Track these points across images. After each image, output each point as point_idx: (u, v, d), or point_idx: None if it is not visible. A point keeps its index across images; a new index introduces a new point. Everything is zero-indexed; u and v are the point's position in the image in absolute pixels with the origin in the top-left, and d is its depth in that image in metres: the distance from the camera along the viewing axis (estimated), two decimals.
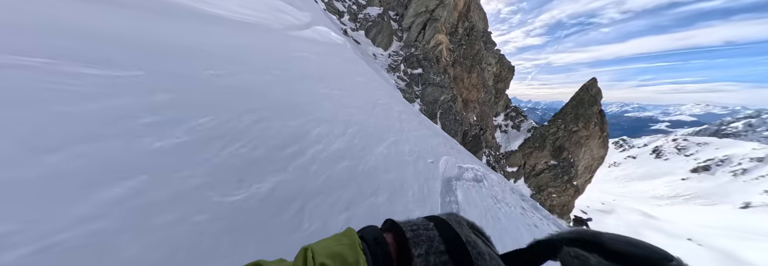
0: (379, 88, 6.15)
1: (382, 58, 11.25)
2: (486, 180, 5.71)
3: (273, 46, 4.03)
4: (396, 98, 6.80)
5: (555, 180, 17.12)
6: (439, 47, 12.20)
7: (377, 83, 6.80)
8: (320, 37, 6.72)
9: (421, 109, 9.81)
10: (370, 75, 7.13)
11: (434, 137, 6.00)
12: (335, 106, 3.41)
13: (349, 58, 7.28)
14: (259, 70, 2.59)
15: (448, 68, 12.44)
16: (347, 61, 6.86)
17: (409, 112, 6.58)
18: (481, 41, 16.35)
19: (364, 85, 5.64)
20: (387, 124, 4.37)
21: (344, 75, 5.60)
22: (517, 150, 17.70)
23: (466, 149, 11.31)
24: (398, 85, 9.86)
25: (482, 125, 14.82)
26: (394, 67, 10.84)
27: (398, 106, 5.99)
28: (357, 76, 5.99)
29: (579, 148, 18.87)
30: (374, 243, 0.28)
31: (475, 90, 15.16)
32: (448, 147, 6.73)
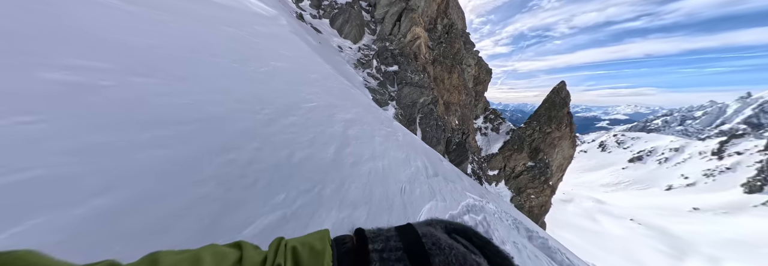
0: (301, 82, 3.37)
1: (349, 51, 8.54)
2: (490, 230, 3.50)
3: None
4: (339, 90, 4.13)
5: (533, 181, 15.96)
6: (417, 42, 9.78)
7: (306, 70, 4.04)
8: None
9: (397, 114, 7.34)
10: (305, 60, 4.44)
11: (410, 162, 3.42)
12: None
13: (273, 34, 4.50)
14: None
15: (427, 66, 10.07)
16: (269, 38, 4.05)
17: (372, 119, 3.94)
18: (461, 40, 14.29)
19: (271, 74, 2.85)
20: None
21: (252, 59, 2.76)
22: (498, 153, 16.12)
23: (452, 160, 9.10)
24: (368, 83, 7.25)
25: (464, 129, 12.78)
26: (364, 63, 8.20)
27: (347, 113, 3.29)
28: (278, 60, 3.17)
29: (553, 149, 17.91)
30: (340, 240, 0.30)
31: (457, 92, 13.06)
32: (432, 173, 4.14)
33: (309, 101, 3.17)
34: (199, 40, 2.69)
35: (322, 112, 3.13)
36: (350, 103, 4.26)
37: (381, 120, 4.72)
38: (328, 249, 0.27)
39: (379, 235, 0.29)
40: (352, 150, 2.80)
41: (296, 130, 2.37)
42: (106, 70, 1.38)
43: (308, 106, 3.05)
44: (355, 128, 3.36)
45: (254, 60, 3.20)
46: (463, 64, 15.58)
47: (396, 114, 7.17)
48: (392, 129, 4.70)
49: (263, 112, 2.33)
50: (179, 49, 2.25)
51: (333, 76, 4.94)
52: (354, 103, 4.40)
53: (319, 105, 3.25)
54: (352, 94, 4.76)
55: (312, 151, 2.26)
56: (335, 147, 2.59)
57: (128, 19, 2.03)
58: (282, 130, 2.29)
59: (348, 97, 4.40)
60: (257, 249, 0.29)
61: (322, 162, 2.27)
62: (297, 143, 2.21)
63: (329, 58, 6.32)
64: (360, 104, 4.57)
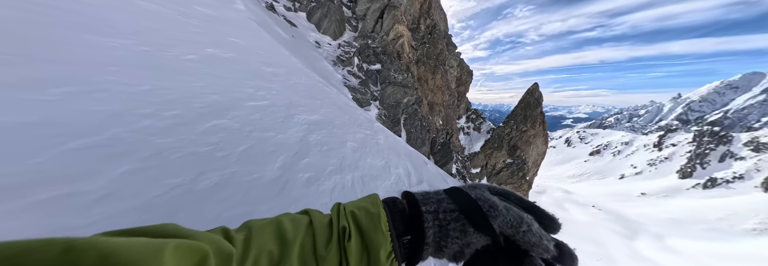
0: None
1: (329, 48, 7.59)
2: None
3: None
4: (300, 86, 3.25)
5: (512, 177, 16.18)
6: (400, 40, 9.06)
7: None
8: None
9: (381, 114, 6.58)
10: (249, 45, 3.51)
11: (390, 169, 2.58)
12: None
13: (221, 18, 3.52)
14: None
15: (411, 66, 9.41)
16: (213, 21, 3.08)
17: (347, 120, 3.11)
18: (443, 41, 13.84)
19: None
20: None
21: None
22: (480, 152, 16.05)
23: (437, 161, 8.58)
24: (347, 81, 6.39)
25: (448, 129, 12.37)
26: (344, 60, 7.31)
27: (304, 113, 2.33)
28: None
29: (528, 146, 18.31)
30: (391, 202, 0.30)
31: (440, 92, 12.59)
32: (415, 181, 3.40)
33: (258, 99, 2.28)
34: (94, 16, 1.71)
35: (275, 112, 2.26)
36: (320, 102, 3.40)
37: (359, 121, 3.93)
38: (382, 212, 0.26)
39: (429, 198, 0.28)
40: (312, 162, 1.97)
41: (221, 139, 1.50)
42: None
43: (255, 105, 2.16)
44: (321, 132, 2.54)
45: (181, 45, 2.23)
46: (446, 65, 15.21)
47: (379, 114, 6.41)
48: (372, 131, 3.92)
49: (166, 113, 1.43)
50: (55, 24, 1.28)
51: (301, 71, 4.04)
52: (326, 102, 3.56)
53: (273, 104, 2.38)
54: (324, 92, 3.91)
55: (240, 169, 1.41)
56: (284, 160, 1.75)
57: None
58: (194, 139, 1.40)
59: (318, 96, 3.55)
60: (322, 214, 0.29)
61: (255, 184, 1.42)
62: (215, 158, 1.35)
63: (302, 53, 5.38)
64: (334, 104, 3.74)
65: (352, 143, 2.89)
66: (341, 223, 0.25)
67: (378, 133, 4.15)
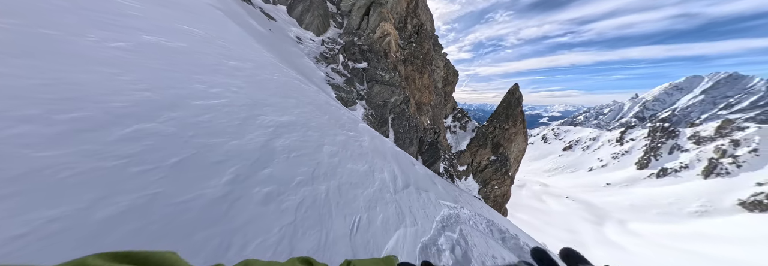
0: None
1: (311, 44, 7.09)
2: (468, 247, 2.67)
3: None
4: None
5: (496, 173, 16.67)
6: (387, 38, 8.76)
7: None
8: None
9: (367, 114, 6.26)
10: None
11: (374, 174, 2.25)
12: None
13: (173, 1, 3.01)
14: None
15: (398, 65, 9.16)
16: (160, 4, 2.56)
17: (326, 121, 2.76)
18: (430, 41, 13.75)
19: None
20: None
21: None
22: (466, 150, 16.31)
23: (425, 161, 8.45)
24: (331, 80, 5.98)
25: (436, 128, 12.34)
26: (328, 57, 6.86)
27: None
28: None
29: (510, 143, 18.98)
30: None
31: (427, 92, 12.50)
32: (402, 185, 3.13)
33: (211, 97, 1.88)
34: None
35: (233, 113, 1.88)
36: (295, 101, 3.02)
37: (341, 122, 3.58)
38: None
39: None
40: (274, 173, 1.62)
41: (143, 149, 1.11)
42: None
43: (204, 105, 1.76)
44: (292, 136, 2.19)
45: (106, 29, 1.77)
46: (433, 65, 15.18)
47: (365, 114, 6.09)
48: (356, 133, 3.60)
49: (60, 116, 1.03)
50: None
51: (274, 66, 3.61)
52: (302, 101, 3.17)
53: (231, 103, 1.98)
54: (301, 90, 3.51)
55: (166, 189, 1.04)
56: (236, 173, 1.39)
57: None
58: (97, 151, 1.01)
59: (292, 94, 3.15)
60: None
61: (188, 208, 1.06)
62: (128, 176, 0.97)
63: (279, 48, 4.89)
64: (311, 103, 3.36)
65: (331, 147, 2.56)
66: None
67: (362, 134, 3.83)
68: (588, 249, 21.48)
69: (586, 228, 26.87)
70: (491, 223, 4.69)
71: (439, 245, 2.37)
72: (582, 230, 25.94)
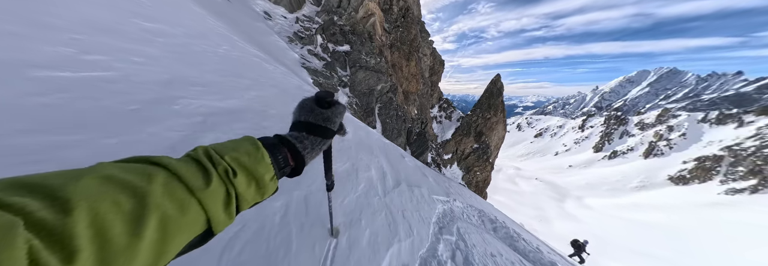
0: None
1: (283, 21, 5.89)
2: (468, 248, 2.41)
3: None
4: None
5: (478, 161, 17.15)
6: (372, 19, 7.69)
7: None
8: None
9: (351, 103, 5.50)
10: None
11: (359, 173, 1.75)
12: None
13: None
14: None
15: (384, 50, 8.23)
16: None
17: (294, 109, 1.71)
18: (417, 27, 12.70)
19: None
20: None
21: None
22: (451, 139, 16.33)
23: (413, 151, 8.04)
24: (308, 63, 5.03)
25: (423, 118, 11.91)
26: (303, 37, 5.77)
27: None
28: None
29: (491, 132, 19.42)
30: (272, 145, 0.35)
31: (415, 81, 11.79)
32: (393, 184, 2.50)
33: (84, 66, 1.05)
34: None
35: (128, 93, 1.06)
36: (250, 82, 2.20)
37: None
38: (264, 153, 0.31)
39: (297, 138, 0.38)
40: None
41: None
42: None
43: (62, 78, 0.92)
44: (234, 128, 1.43)
45: None
46: (420, 53, 14.30)
47: (349, 103, 5.32)
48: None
49: None
50: None
51: (223, 37, 2.67)
52: (261, 83, 2.38)
53: (124, 77, 1.11)
54: (261, 70, 2.67)
55: None
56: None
57: None
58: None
59: (246, 73, 2.33)
60: (170, 158, 0.25)
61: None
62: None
63: (236, 20, 3.83)
64: (275, 86, 2.57)
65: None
66: (221, 165, 0.27)
67: (345, 124, 3.16)
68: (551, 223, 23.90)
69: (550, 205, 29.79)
70: (482, 213, 4.50)
71: (439, 256, 1.92)
72: (547, 207, 28.73)
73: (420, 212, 2.57)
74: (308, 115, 0.40)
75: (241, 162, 0.28)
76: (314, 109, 0.40)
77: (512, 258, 3.11)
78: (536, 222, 23.15)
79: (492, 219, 4.44)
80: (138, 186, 0.19)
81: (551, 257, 4.35)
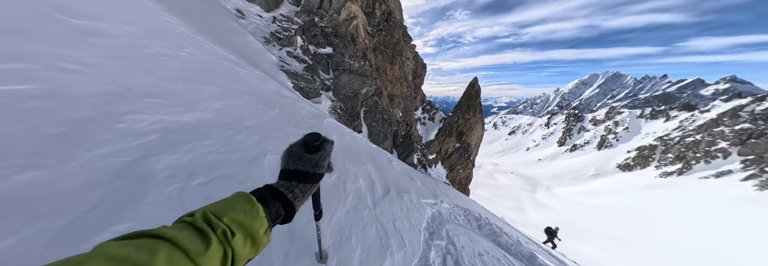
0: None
1: (258, 20, 5.46)
2: (457, 251, 2.46)
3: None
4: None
5: (460, 159, 17.89)
6: (354, 22, 7.54)
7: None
8: None
9: (335, 107, 5.28)
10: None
11: (346, 185, 1.89)
12: None
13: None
14: None
15: (368, 53, 8.12)
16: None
17: (272, 118, 1.63)
18: (400, 31, 12.82)
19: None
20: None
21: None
22: (434, 139, 16.79)
23: (400, 154, 8.04)
24: (287, 65, 4.71)
25: (408, 121, 12.03)
26: (282, 38, 5.41)
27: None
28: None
29: (471, 131, 20.44)
30: (261, 195, 0.37)
31: (399, 84, 11.87)
32: (381, 192, 2.41)
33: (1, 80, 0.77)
34: None
35: (45, 112, 0.82)
36: (217, 89, 1.92)
37: (297, 118, 2.64)
38: (259, 208, 0.32)
39: (285, 188, 0.38)
40: (139, 228, 0.68)
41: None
42: None
43: None
44: (199, 146, 1.19)
45: None
46: (403, 57, 14.46)
47: (333, 107, 5.10)
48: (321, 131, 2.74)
49: None
50: None
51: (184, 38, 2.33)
52: (231, 90, 2.11)
53: (49, 92, 0.83)
54: (232, 75, 2.38)
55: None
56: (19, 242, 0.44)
57: None
58: None
59: (214, 79, 2.03)
60: (168, 228, 0.26)
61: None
62: None
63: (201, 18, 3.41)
64: (250, 92, 2.30)
65: (277, 156, 1.70)
66: (222, 227, 0.27)
67: (329, 131, 2.98)
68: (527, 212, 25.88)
69: (525, 195, 32.32)
70: (467, 212, 4.62)
71: (431, 264, 1.88)
72: (522, 198, 31.12)
73: (410, 219, 2.52)
74: (297, 163, 0.40)
75: (238, 221, 0.29)
76: (303, 156, 0.40)
77: (497, 255, 3.22)
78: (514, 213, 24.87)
79: (477, 217, 4.59)
80: (142, 263, 0.20)
81: (529, 247, 4.63)
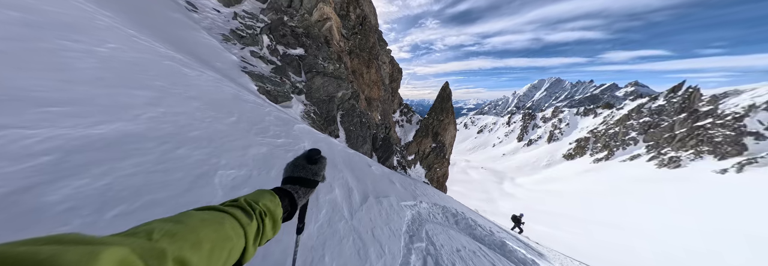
0: None
1: (215, 15, 4.80)
2: (437, 250, 2.53)
3: None
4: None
5: (437, 158, 18.72)
6: (328, 24, 7.26)
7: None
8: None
9: (308, 112, 4.93)
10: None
11: (318, 197, 1.10)
12: None
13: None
14: None
15: (343, 56, 7.90)
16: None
17: (226, 128, 1.37)
18: (375, 36, 12.87)
19: None
20: None
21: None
22: (413, 141, 17.22)
23: (380, 157, 7.95)
24: (251, 66, 4.22)
25: (386, 124, 12.08)
26: (245, 37, 4.85)
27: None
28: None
29: (445, 132, 21.64)
30: (280, 192, 0.48)
31: (376, 87, 11.86)
32: (359, 199, 2.30)
33: None
34: None
35: None
36: (152, 94, 1.53)
37: (262, 125, 2.33)
38: (278, 201, 0.43)
39: (294, 190, 0.49)
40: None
41: None
42: None
43: None
44: (119, 168, 0.92)
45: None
46: (379, 61, 14.56)
47: (306, 112, 4.75)
48: (288, 139, 2.47)
49: None
50: None
51: (113, 32, 1.87)
52: (172, 94, 1.73)
53: None
54: (175, 77, 1.98)
55: None
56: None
57: None
58: None
59: (153, 82, 1.62)
60: (231, 208, 0.35)
61: None
62: None
63: (134, 6, 2.81)
64: (200, 97, 1.91)
65: (233, 171, 1.43)
66: (259, 209, 0.38)
67: (300, 138, 2.71)
68: (496, 203, 28.38)
69: (494, 187, 35.50)
70: (445, 209, 4.77)
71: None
72: (492, 189, 34.11)
73: (390, 225, 2.44)
74: (300, 172, 0.51)
75: (268, 207, 0.39)
76: (305, 166, 0.51)
77: (473, 248, 3.36)
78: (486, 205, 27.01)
79: (454, 213, 4.77)
80: (218, 225, 0.29)
81: (500, 235, 4.99)
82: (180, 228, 0.24)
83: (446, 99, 23.50)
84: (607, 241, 13.80)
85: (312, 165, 0.51)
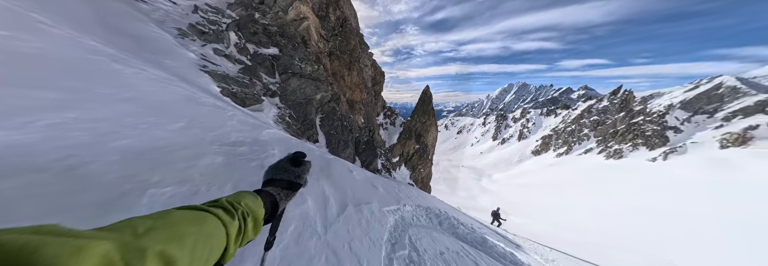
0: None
1: (170, 7, 4.18)
2: (420, 254, 2.48)
3: None
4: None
5: (421, 159, 19.04)
6: (305, 23, 6.90)
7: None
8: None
9: (283, 115, 4.52)
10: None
11: (289, 209, 1.12)
12: None
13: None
14: None
15: (322, 57, 7.57)
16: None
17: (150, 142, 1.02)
18: (356, 38, 12.72)
19: None
20: None
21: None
22: (397, 143, 17.28)
23: (363, 161, 7.70)
24: (213, 65, 3.72)
25: (370, 127, 11.90)
26: (207, 32, 4.30)
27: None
28: None
29: (428, 133, 22.21)
30: (263, 193, 0.47)
31: (358, 90, 11.66)
32: (337, 210, 2.03)
33: None
34: None
35: None
36: (65, 95, 1.10)
37: (221, 132, 1.96)
38: (260, 201, 0.42)
39: (276, 193, 0.48)
40: None
41: None
42: None
43: None
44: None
45: None
46: (361, 64, 14.41)
47: (280, 116, 4.34)
48: (254, 147, 2.15)
49: None
50: None
51: (5, 16, 1.43)
52: (93, 93, 1.33)
53: None
54: (102, 75, 1.57)
55: None
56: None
57: None
58: None
59: (62, 81, 1.21)
60: (215, 209, 0.35)
61: None
62: None
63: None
64: (132, 98, 1.51)
65: (169, 188, 1.13)
66: (241, 209, 0.37)
67: (269, 145, 2.41)
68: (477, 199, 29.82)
69: (474, 184, 37.40)
70: (429, 211, 4.71)
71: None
72: (472, 186, 35.88)
73: (370, 235, 2.25)
74: (284, 174, 0.50)
75: (250, 207, 0.39)
76: (289, 168, 0.51)
77: (456, 248, 3.32)
78: (467, 201, 28.22)
79: (437, 214, 4.74)
80: (199, 224, 0.29)
81: (481, 231, 5.10)
82: (162, 224, 0.23)
83: (427, 102, 24.26)
84: (574, 224, 15.82)
85: (296, 168, 0.51)
